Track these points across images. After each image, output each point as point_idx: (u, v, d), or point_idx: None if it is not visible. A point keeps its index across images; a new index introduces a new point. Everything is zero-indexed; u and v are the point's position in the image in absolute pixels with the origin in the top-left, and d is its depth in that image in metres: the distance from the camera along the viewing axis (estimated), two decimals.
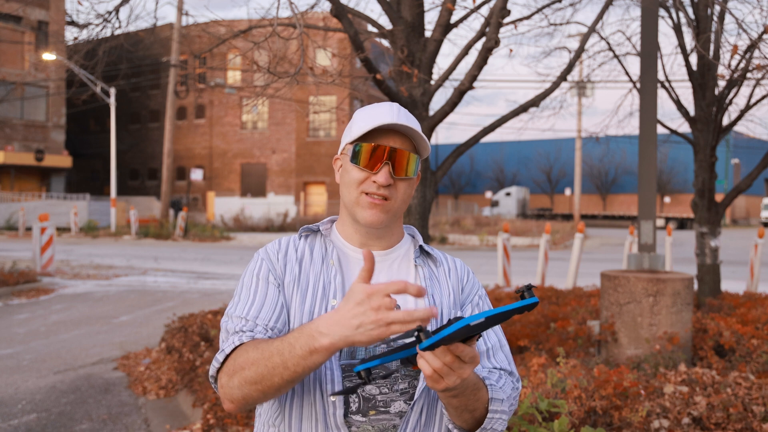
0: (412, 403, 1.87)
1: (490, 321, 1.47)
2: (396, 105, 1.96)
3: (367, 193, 1.91)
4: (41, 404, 7.26)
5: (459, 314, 2.03)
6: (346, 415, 1.84)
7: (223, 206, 51.22)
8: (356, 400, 1.85)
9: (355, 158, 1.91)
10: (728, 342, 7.21)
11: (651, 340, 7.11)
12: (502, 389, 1.92)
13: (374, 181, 1.89)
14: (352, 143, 1.94)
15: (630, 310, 7.26)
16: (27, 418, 6.79)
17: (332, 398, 1.82)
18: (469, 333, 1.47)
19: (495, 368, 2.02)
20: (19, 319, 12.24)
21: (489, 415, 1.83)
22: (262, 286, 1.94)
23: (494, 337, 2.04)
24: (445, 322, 1.90)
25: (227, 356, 1.81)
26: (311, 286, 1.94)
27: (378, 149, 1.88)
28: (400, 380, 1.88)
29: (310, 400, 1.85)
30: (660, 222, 57.43)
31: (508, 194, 70.72)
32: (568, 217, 68.86)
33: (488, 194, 77.35)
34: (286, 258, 1.99)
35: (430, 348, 1.50)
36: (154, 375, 8.24)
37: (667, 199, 73.83)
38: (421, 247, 2.09)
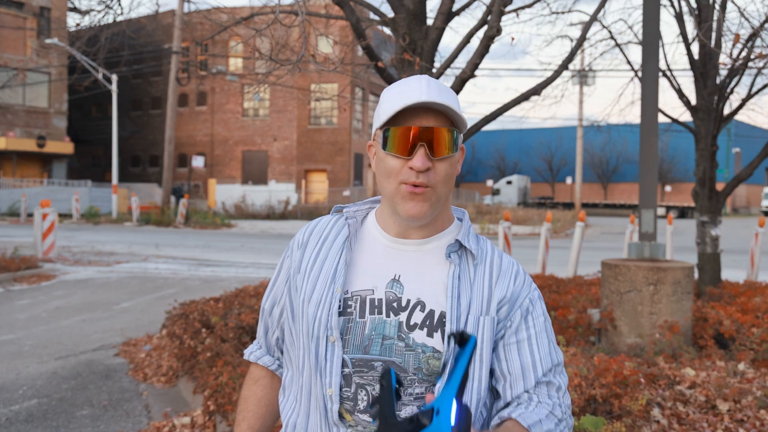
0: None
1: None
2: (425, 78, 1.77)
3: (405, 183, 1.73)
4: (42, 390, 7.28)
5: (496, 320, 1.82)
6: (352, 413, 1.76)
7: (224, 193, 51.25)
8: (365, 398, 1.75)
9: (386, 145, 1.75)
10: (728, 331, 7.23)
11: (651, 328, 7.13)
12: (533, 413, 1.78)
13: (411, 168, 1.71)
14: (381, 128, 1.77)
15: (630, 299, 7.27)
16: (28, 404, 6.81)
17: (329, 391, 1.76)
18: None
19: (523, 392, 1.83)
20: (21, 304, 12.26)
21: None
22: (275, 278, 2.05)
23: (516, 361, 1.83)
24: (470, 328, 1.77)
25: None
26: (323, 272, 1.86)
27: (408, 131, 1.70)
28: (416, 384, 1.74)
29: (316, 392, 1.80)
30: (661, 211, 57.38)
31: (509, 183, 70.72)
32: (569, 206, 68.80)
33: (489, 183, 77.29)
34: (309, 241, 1.95)
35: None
36: (155, 361, 8.26)
37: (668, 188, 73.83)
38: (458, 241, 1.86)
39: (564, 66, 8.00)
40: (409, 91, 1.73)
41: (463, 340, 1.42)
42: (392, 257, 1.85)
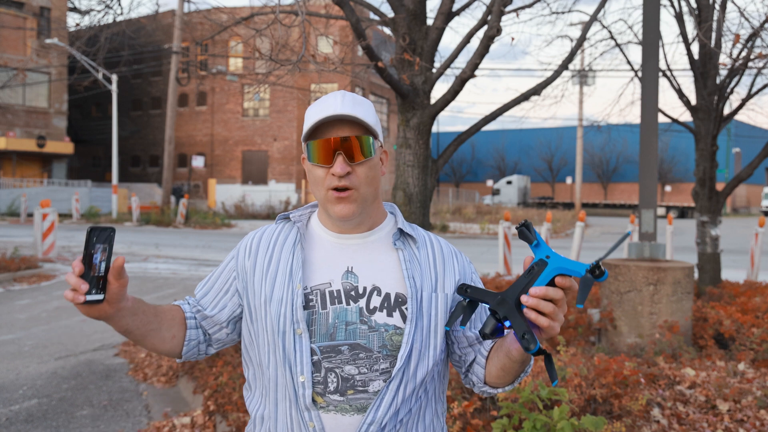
0: (388, 381, 1.90)
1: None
2: (341, 93, 1.98)
3: (331, 189, 1.92)
4: (42, 390, 7.28)
5: (439, 295, 2.04)
6: (323, 395, 1.90)
7: (224, 193, 51.25)
8: (335, 380, 1.89)
9: (310, 157, 1.94)
10: (728, 331, 7.23)
11: (651, 328, 7.13)
12: None
13: (333, 174, 1.90)
14: (305, 142, 1.96)
15: (630, 299, 7.27)
16: (28, 404, 6.81)
17: (301, 379, 1.89)
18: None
19: None
20: (21, 304, 12.26)
21: None
22: (220, 275, 2.15)
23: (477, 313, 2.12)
24: (425, 304, 1.97)
25: None
26: (279, 273, 2.00)
27: (327, 142, 1.90)
28: (381, 360, 1.91)
29: (284, 382, 1.93)
30: (661, 211, 57.37)
31: (509, 183, 70.66)
32: (569, 206, 68.80)
33: (489, 182, 77.22)
34: (259, 248, 2.08)
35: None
36: (155, 361, 8.27)
37: (668, 188, 73.79)
38: (400, 229, 2.08)
39: (564, 66, 8.01)
40: (326, 106, 1.93)
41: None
42: (342, 251, 2.03)
